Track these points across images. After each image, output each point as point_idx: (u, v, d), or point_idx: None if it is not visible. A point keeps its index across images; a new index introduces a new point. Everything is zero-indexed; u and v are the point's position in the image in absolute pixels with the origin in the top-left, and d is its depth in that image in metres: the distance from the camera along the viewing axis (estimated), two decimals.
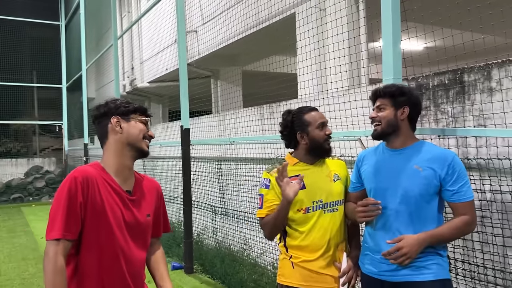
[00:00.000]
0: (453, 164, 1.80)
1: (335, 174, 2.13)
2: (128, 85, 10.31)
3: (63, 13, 14.47)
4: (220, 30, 6.02)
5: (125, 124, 1.66)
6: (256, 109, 4.73)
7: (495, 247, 2.32)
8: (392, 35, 2.43)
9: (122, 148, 1.66)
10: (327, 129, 2.11)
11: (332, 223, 2.05)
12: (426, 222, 1.83)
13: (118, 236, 1.59)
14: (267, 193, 2.08)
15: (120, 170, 1.65)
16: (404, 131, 1.91)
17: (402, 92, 1.92)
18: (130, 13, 10.39)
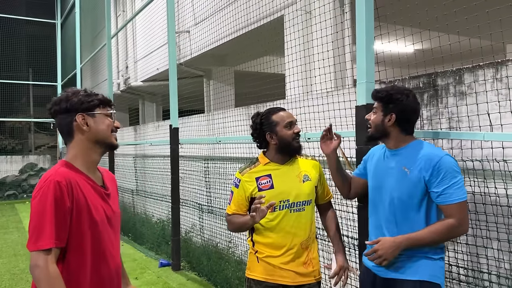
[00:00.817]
0: (438, 165, 1.79)
1: (305, 174, 2.19)
2: (123, 84, 10.36)
3: (59, 12, 14.50)
4: (211, 30, 6.09)
5: (91, 121, 1.60)
6: (244, 109, 4.81)
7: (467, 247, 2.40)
8: (365, 39, 2.50)
9: (91, 146, 1.61)
10: (295, 128, 2.17)
11: (297, 222, 2.12)
12: (413, 224, 1.86)
13: (104, 232, 1.59)
14: (236, 192, 2.20)
15: (91, 166, 1.63)
16: (394, 135, 1.94)
17: (390, 99, 1.93)
18: (125, 12, 10.44)
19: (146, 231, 6.52)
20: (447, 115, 2.59)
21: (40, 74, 14.37)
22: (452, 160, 1.83)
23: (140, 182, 7.56)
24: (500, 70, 2.32)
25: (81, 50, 11.30)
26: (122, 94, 10.62)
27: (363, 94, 2.51)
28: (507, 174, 2.09)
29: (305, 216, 2.15)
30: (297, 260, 2.13)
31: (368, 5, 2.53)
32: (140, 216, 7.25)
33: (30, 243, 1.43)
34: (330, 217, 2.33)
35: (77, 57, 11.12)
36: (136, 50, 9.81)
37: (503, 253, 2.15)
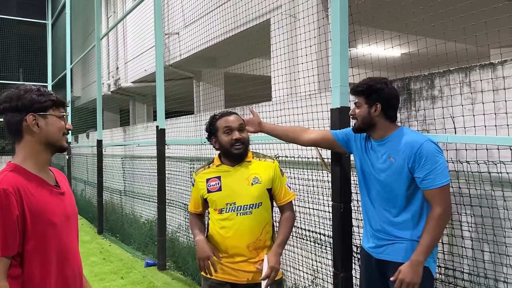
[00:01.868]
0: (419, 151, 1.89)
1: (255, 177, 2.18)
2: (113, 85, 10.38)
3: (49, 12, 14.48)
4: (200, 31, 6.15)
5: (42, 122, 1.52)
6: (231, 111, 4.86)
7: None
8: (339, 44, 2.58)
9: (41, 148, 1.55)
10: (233, 134, 2.15)
11: (244, 226, 2.15)
12: (401, 209, 1.99)
13: (63, 232, 1.55)
14: (193, 190, 2.32)
15: (42, 166, 1.57)
16: (381, 125, 2.05)
17: (372, 90, 2.04)
18: (116, 14, 10.48)
19: (134, 231, 6.55)
20: (421, 118, 2.68)
21: (30, 74, 14.32)
22: (433, 145, 1.92)
23: (128, 182, 7.59)
24: (469, 74, 2.41)
25: (72, 50, 11.30)
26: (113, 95, 10.64)
27: (337, 97, 2.59)
28: (470, 174, 2.17)
29: (253, 219, 2.16)
30: (246, 261, 2.17)
31: (342, 10, 2.60)
32: (128, 216, 7.28)
33: None
34: (283, 220, 2.27)
35: (67, 57, 11.12)
36: (127, 51, 9.84)
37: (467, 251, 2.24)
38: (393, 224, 2.03)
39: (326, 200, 3.08)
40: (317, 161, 3.11)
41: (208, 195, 2.22)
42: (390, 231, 2.04)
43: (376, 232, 2.11)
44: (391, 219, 2.04)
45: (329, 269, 3.07)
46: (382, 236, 2.07)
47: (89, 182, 9.11)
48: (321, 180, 3.18)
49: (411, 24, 2.78)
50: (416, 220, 1.99)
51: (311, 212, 3.32)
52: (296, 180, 3.46)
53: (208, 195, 2.22)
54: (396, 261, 2.00)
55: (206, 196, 2.24)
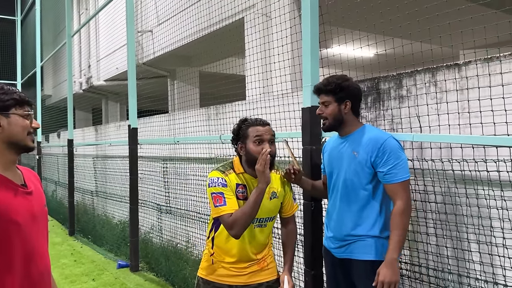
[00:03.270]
0: (383, 147, 1.96)
1: (274, 191, 2.14)
2: (85, 83, 10.16)
3: (19, 8, 14.05)
4: (174, 29, 6.09)
5: (5, 122, 1.49)
6: (204, 110, 4.84)
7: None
8: (310, 44, 2.60)
9: (5, 147, 1.51)
10: (264, 146, 2.04)
11: (258, 238, 2.12)
12: (363, 202, 2.03)
13: (29, 232, 1.50)
14: (227, 191, 2.04)
15: (7, 166, 1.53)
16: (349, 121, 2.12)
17: (341, 87, 2.10)
18: (88, 10, 10.25)
19: (106, 232, 6.43)
20: (389, 117, 2.73)
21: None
22: (395, 142, 2.00)
23: (100, 183, 7.45)
24: (436, 75, 2.46)
25: (42, 47, 11.00)
26: (85, 93, 10.42)
27: (308, 97, 2.61)
28: (434, 172, 2.23)
29: (266, 231, 2.16)
30: (250, 266, 2.15)
31: (313, 10, 2.63)
32: (100, 217, 7.14)
33: None
34: (289, 234, 2.26)
35: (37, 55, 10.82)
36: (99, 49, 9.64)
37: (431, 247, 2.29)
38: (354, 222, 2.06)
39: (298, 198, 3.09)
40: (289, 160, 3.12)
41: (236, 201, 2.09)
42: (350, 230, 2.07)
43: (336, 232, 2.14)
44: (351, 217, 2.07)
45: (300, 267, 3.09)
46: (343, 236, 2.10)
47: (60, 183, 8.90)
48: None
49: (379, 25, 2.82)
50: (375, 217, 2.03)
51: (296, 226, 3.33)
52: None
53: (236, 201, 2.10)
54: (358, 259, 2.04)
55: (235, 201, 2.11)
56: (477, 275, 2.11)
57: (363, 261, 2.02)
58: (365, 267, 2.02)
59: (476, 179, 2.07)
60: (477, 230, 2.10)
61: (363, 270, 2.03)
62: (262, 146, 2.03)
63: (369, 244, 2.02)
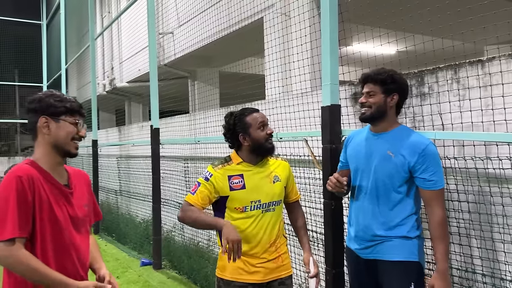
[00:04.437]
0: (424, 153, 1.89)
1: (276, 175, 2.23)
2: (108, 85, 10.36)
3: (44, 12, 14.43)
4: (194, 30, 6.16)
5: (53, 126, 1.65)
6: (224, 110, 4.88)
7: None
8: (329, 43, 2.59)
9: (50, 149, 1.67)
10: (268, 129, 2.20)
11: (267, 223, 2.17)
12: (393, 205, 1.98)
13: (67, 230, 1.63)
14: (204, 185, 2.14)
15: (54, 166, 1.67)
16: (390, 117, 2.03)
17: (393, 79, 2.00)
18: (110, 13, 10.45)
19: (130, 231, 6.55)
20: (410, 115, 2.70)
21: (26, 75, 14.28)
22: (435, 148, 1.95)
23: (123, 182, 7.59)
24: (458, 71, 2.43)
25: (67, 51, 11.28)
26: (108, 95, 10.62)
27: (327, 95, 2.60)
28: (457, 171, 2.19)
29: (275, 215, 2.21)
30: (266, 258, 2.17)
31: (332, 8, 2.62)
32: (124, 216, 7.29)
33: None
34: (299, 219, 2.36)
35: (62, 58, 11.10)
36: (122, 51, 9.82)
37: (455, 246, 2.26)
38: (382, 223, 2.01)
39: (318, 197, 3.10)
40: (309, 159, 3.13)
41: (231, 193, 2.15)
42: (378, 231, 2.01)
43: (362, 233, 2.07)
44: (379, 218, 2.01)
45: (321, 266, 3.08)
46: (370, 236, 2.04)
47: None
48: (313, 177, 3.19)
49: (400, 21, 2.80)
50: (405, 218, 1.98)
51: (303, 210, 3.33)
52: None
53: (231, 193, 2.15)
54: (384, 259, 2.00)
55: (228, 194, 2.15)
56: (502, 275, 2.07)
57: (391, 261, 1.97)
58: (393, 267, 1.97)
59: (500, 177, 2.04)
60: (502, 229, 2.06)
61: (391, 270, 1.98)
62: (266, 130, 2.19)
63: (397, 245, 1.98)
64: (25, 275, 1.52)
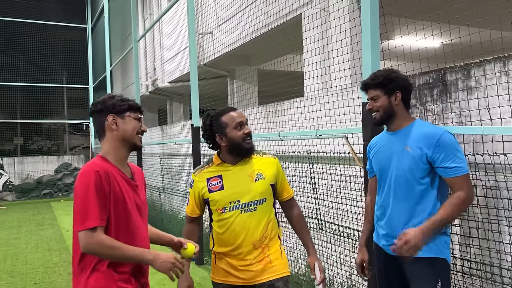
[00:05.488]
0: (439, 142, 1.89)
1: (259, 173, 2.14)
2: (151, 85, 10.66)
3: (89, 16, 15.03)
4: (233, 29, 6.23)
5: (120, 122, 1.82)
6: (262, 108, 4.90)
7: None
8: (370, 37, 2.55)
9: (119, 143, 1.83)
10: (245, 128, 2.11)
11: (249, 223, 2.09)
12: (417, 199, 1.96)
13: (135, 218, 1.81)
14: (191, 192, 2.21)
15: (121, 160, 1.85)
16: (400, 114, 2.05)
17: (389, 79, 2.05)
18: (152, 16, 10.74)
19: (173, 227, 6.73)
20: (456, 110, 2.60)
21: (73, 77, 14.95)
22: (451, 136, 1.93)
23: (166, 180, 7.80)
24: (507, 64, 2.32)
25: (111, 53, 11.69)
26: (151, 95, 10.93)
27: None
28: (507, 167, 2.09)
29: (258, 215, 2.12)
30: (250, 259, 2.10)
31: (372, 1, 2.57)
32: (167, 212, 7.49)
33: (78, 225, 1.66)
34: (296, 218, 2.28)
35: (107, 60, 11.52)
36: (163, 52, 10.07)
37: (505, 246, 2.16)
38: (408, 219, 1.99)
39: (359, 195, 3.06)
40: (350, 156, 3.09)
41: (210, 195, 2.15)
42: (404, 227, 1.98)
43: (389, 230, 2.06)
44: (405, 214, 2.00)
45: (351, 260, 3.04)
46: (397, 233, 1.98)
47: None
48: (353, 175, 3.15)
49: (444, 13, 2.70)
50: (430, 212, 1.94)
51: (344, 208, 3.30)
52: (328, 175, 3.45)
53: (210, 195, 2.14)
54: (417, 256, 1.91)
55: (208, 197, 2.15)
56: None
57: (418, 258, 1.91)
58: (419, 264, 1.94)
59: None
60: None
61: (417, 267, 1.96)
62: (244, 129, 2.10)
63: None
64: (109, 255, 1.68)
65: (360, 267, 2.29)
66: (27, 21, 13.72)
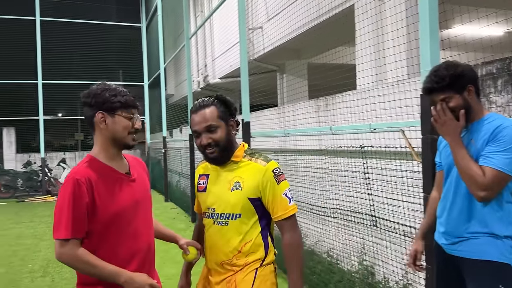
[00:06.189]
0: (497, 131, 1.77)
1: (237, 181, 1.78)
2: (202, 82, 10.87)
3: (143, 15, 15.56)
4: (283, 22, 6.19)
5: (110, 120, 1.69)
6: (313, 102, 4.84)
7: None
8: (429, 26, 2.42)
9: (108, 142, 1.72)
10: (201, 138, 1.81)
11: (219, 238, 1.80)
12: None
13: (133, 214, 1.72)
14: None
15: (112, 158, 1.73)
16: (474, 106, 1.90)
17: (457, 76, 1.86)
18: (203, 13, 10.93)
19: None
20: None
21: (129, 75, 15.56)
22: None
23: None
24: None
25: (164, 51, 12.04)
26: (202, 91, 11.14)
27: None
28: None
29: (229, 232, 1.77)
30: (216, 282, 1.82)
31: None
32: None
33: (53, 232, 1.61)
34: (284, 248, 1.79)
35: (161, 57, 11.87)
36: (214, 48, 10.23)
37: None
38: (468, 218, 1.88)
39: (417, 191, 2.93)
40: (406, 151, 2.97)
41: (197, 194, 1.97)
42: (463, 226, 1.89)
43: (449, 228, 1.96)
44: (465, 212, 1.88)
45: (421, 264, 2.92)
46: (456, 232, 1.92)
47: (183, 174, 9.68)
48: (410, 170, 3.03)
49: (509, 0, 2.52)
50: (492, 212, 1.82)
51: (400, 204, 3.18)
52: (383, 170, 3.34)
53: (197, 194, 1.96)
54: (470, 258, 1.86)
55: (197, 195, 1.97)
56: None
57: (478, 260, 1.83)
58: (479, 267, 1.83)
59: None
60: None
61: (477, 270, 1.85)
62: (200, 139, 1.80)
63: (485, 243, 1.82)
64: (82, 270, 1.61)
65: (412, 257, 2.21)
66: (86, 21, 14.43)
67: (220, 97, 1.91)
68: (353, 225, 3.81)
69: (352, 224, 3.83)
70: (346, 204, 3.90)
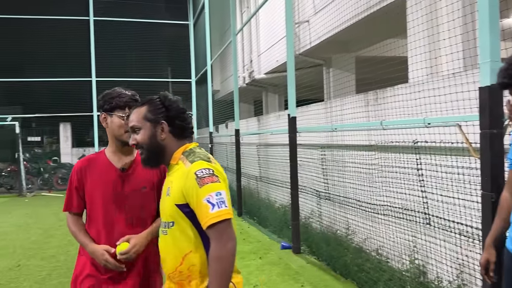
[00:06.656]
0: None
1: (169, 187, 1.63)
2: (247, 77, 10.93)
3: (191, 13, 15.85)
4: (331, 16, 6.08)
5: (109, 120, 1.97)
6: (362, 96, 4.73)
7: None
8: (488, 15, 2.29)
9: (112, 138, 2.00)
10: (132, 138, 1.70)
11: (163, 247, 1.65)
12: None
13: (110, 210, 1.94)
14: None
15: (115, 152, 2.00)
16: None
17: None
18: (249, 8, 10.97)
19: (270, 215, 6.87)
20: None
21: (177, 72, 15.92)
22: None
23: (263, 169, 7.96)
24: None
25: (211, 47, 12.21)
26: (248, 86, 11.21)
27: (486, 74, 2.31)
28: None
29: (169, 241, 1.61)
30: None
31: None
32: (264, 201, 7.66)
33: None
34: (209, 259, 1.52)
35: (208, 54, 12.05)
36: (259, 44, 10.25)
37: None
38: None
39: (474, 189, 2.80)
40: (463, 146, 2.84)
41: None
42: None
43: None
44: None
45: (478, 264, 2.79)
46: None
47: (229, 168, 9.81)
48: (467, 167, 2.89)
49: None
50: None
51: (455, 202, 3.05)
52: (437, 167, 3.22)
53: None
54: None
55: None
56: None
57: None
58: None
59: None
60: None
61: None
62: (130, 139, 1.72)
63: None
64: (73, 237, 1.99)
65: (484, 267, 2.01)
66: (136, 20, 14.90)
67: (161, 97, 1.72)
68: (405, 223, 3.70)
69: (403, 222, 3.72)
70: (397, 201, 3.79)
